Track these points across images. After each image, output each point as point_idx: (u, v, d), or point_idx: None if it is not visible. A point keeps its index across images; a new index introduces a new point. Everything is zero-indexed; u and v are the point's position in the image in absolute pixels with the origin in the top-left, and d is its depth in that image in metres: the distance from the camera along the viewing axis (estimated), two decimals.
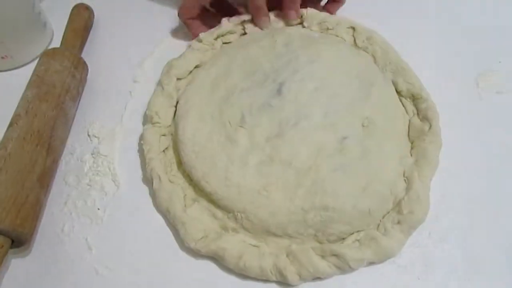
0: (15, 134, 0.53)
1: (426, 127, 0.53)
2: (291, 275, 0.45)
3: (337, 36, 0.62)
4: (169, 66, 0.59)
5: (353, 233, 0.48)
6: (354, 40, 0.62)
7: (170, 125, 0.56)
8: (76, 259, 0.49)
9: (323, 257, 0.46)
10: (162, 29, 0.69)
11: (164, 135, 0.55)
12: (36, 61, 0.61)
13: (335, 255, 0.45)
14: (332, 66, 0.56)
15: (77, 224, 0.52)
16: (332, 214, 0.46)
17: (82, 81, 0.63)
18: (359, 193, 0.48)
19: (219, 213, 0.49)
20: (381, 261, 0.47)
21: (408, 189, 0.49)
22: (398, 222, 0.47)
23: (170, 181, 0.51)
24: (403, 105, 0.57)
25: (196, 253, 0.48)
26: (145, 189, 0.54)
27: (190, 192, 0.51)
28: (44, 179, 0.53)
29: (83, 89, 0.64)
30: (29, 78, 0.59)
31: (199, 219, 0.49)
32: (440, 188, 0.51)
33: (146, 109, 0.57)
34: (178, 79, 0.59)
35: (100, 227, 0.51)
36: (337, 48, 0.59)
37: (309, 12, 0.63)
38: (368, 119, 0.52)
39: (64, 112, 0.58)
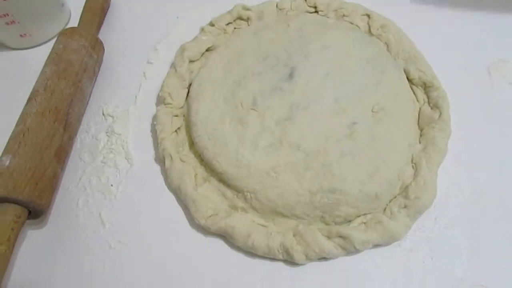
0: (34, 110, 0.54)
1: (436, 115, 0.53)
2: (298, 254, 0.46)
3: (351, 23, 0.63)
4: (182, 48, 0.60)
5: (359, 216, 0.49)
6: (369, 28, 0.62)
7: (182, 106, 0.57)
8: (89, 233, 0.51)
9: (329, 237, 0.47)
10: (177, 13, 0.70)
11: (176, 116, 0.56)
12: (54, 40, 0.62)
13: (341, 236, 0.46)
14: (344, 52, 0.57)
15: (91, 199, 0.53)
16: (339, 197, 0.47)
17: (98, 61, 0.64)
18: (366, 178, 0.48)
19: (228, 193, 0.50)
20: (386, 244, 0.48)
21: (415, 175, 0.50)
22: (405, 207, 0.48)
23: (182, 161, 0.53)
24: (414, 93, 0.57)
25: (205, 231, 0.49)
26: (157, 167, 0.55)
27: (201, 171, 0.53)
28: (61, 154, 0.54)
29: (99, 69, 0.65)
30: (47, 56, 0.60)
31: (209, 197, 0.50)
32: (450, 176, 0.52)
33: (160, 90, 0.59)
34: (191, 61, 0.60)
35: (113, 202, 0.53)
36: (349, 34, 0.59)
37: None
38: (378, 106, 0.52)
39: (81, 90, 0.59)
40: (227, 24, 0.64)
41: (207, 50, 0.61)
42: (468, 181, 0.52)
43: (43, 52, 0.61)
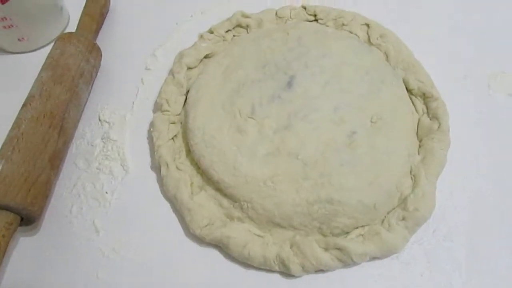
0: (29, 115, 0.54)
1: (435, 126, 0.54)
2: (294, 266, 0.46)
3: (351, 32, 0.63)
4: (180, 55, 0.61)
5: (357, 228, 0.49)
6: (368, 37, 0.63)
7: (179, 114, 0.58)
8: (83, 240, 0.51)
9: (326, 249, 0.47)
10: (175, 19, 0.70)
11: (173, 123, 0.57)
12: (51, 45, 0.62)
13: (338, 248, 0.46)
14: (343, 61, 0.57)
15: (85, 206, 0.54)
16: (337, 207, 0.47)
17: (95, 66, 0.64)
18: (365, 188, 0.48)
19: (225, 202, 0.50)
20: (384, 256, 0.48)
21: (414, 186, 0.50)
22: (403, 219, 0.48)
23: (178, 169, 0.53)
24: (413, 103, 0.57)
25: (200, 240, 0.49)
26: (153, 175, 0.55)
27: (198, 180, 0.53)
28: (55, 160, 0.54)
29: (96, 74, 0.65)
30: (44, 61, 0.60)
31: (205, 206, 0.50)
32: (449, 187, 0.52)
33: (157, 97, 0.59)
34: (189, 68, 0.60)
35: (107, 210, 0.53)
36: (348, 43, 0.60)
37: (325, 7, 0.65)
38: (377, 115, 0.53)
39: (77, 96, 0.59)
40: (226, 32, 0.64)
41: (205, 57, 0.62)
42: (467, 192, 0.53)
43: (40, 56, 0.61)
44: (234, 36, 0.65)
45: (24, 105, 0.56)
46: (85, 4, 0.70)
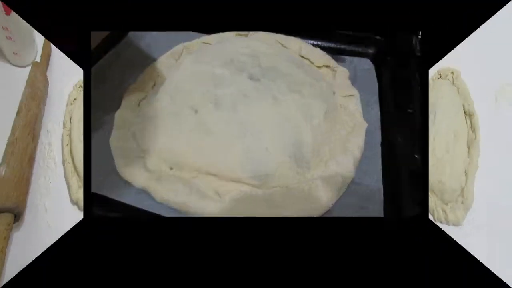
0: (21, 122, 0.65)
1: (473, 137, 0.71)
2: (436, 215, 0.70)
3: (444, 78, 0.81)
4: (69, 95, 0.80)
5: (450, 202, 0.69)
6: (453, 80, 0.79)
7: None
8: (39, 219, 0.66)
9: (442, 210, 0.69)
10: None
11: (68, 135, 0.76)
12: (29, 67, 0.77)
13: (444, 211, 0.68)
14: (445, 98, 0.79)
15: (42, 194, 0.69)
16: (443, 187, 0.69)
17: (47, 92, 0.79)
18: (450, 179, 0.69)
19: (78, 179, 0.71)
20: (456, 225, 0.68)
21: (466, 181, 0.69)
22: (462, 202, 0.68)
23: (68, 162, 0.72)
24: (466, 121, 0.75)
25: (74, 201, 0.70)
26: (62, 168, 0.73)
27: (73, 169, 0.72)
28: (31, 161, 0.65)
29: (47, 96, 0.79)
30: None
31: (75, 183, 0.70)
32: (484, 185, 0.70)
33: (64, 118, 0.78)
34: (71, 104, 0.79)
35: (50, 194, 0.70)
36: (443, 87, 0.80)
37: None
38: (456, 131, 0.72)
39: (40, 111, 0.72)
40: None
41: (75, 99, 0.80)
42: (497, 190, 0.70)
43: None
44: None
45: (17, 113, 0.66)
46: (43, 46, 0.84)
